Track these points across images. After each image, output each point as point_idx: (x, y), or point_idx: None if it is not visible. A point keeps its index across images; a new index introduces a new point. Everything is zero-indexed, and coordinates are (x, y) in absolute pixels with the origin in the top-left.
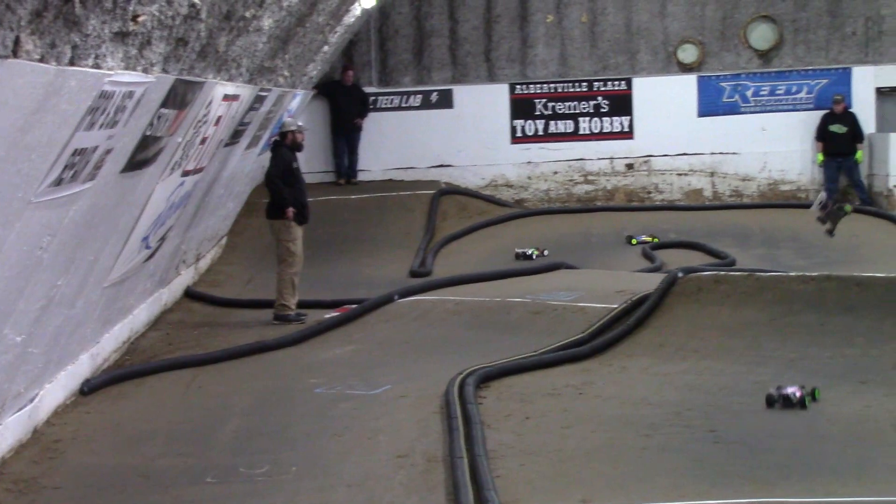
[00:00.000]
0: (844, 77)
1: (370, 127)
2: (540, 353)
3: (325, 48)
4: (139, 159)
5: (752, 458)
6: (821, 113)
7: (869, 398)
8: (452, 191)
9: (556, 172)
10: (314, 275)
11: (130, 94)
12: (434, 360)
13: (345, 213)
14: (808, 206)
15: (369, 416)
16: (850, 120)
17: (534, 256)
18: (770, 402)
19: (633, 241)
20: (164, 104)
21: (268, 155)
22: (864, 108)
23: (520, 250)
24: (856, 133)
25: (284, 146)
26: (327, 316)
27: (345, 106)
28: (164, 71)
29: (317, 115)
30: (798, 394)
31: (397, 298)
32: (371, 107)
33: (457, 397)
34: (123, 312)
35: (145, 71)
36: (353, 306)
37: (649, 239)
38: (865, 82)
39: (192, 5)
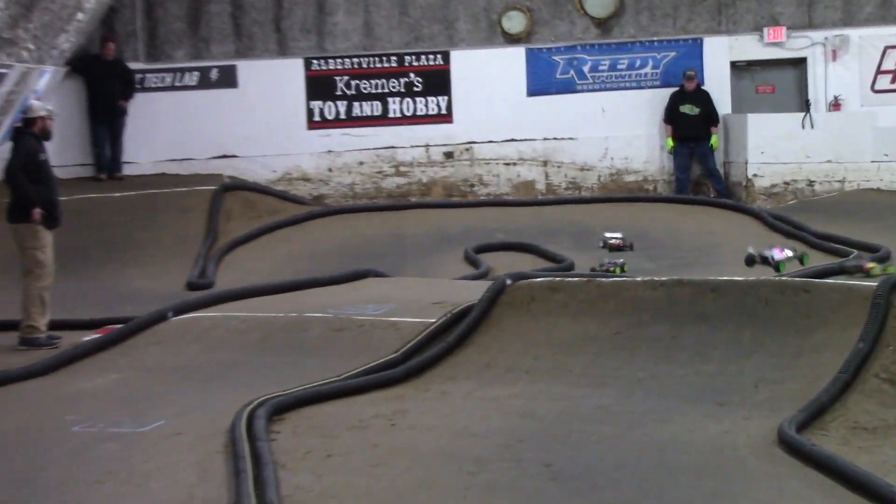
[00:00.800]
0: (695, 49)
1: (137, 111)
2: (344, 377)
3: (79, 16)
4: None
5: (593, 495)
6: (669, 91)
7: (727, 422)
8: (238, 186)
9: (361, 163)
10: (70, 289)
11: None
12: (217, 390)
13: (107, 214)
14: (656, 200)
15: (138, 459)
16: (704, 99)
17: (625, 244)
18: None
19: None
20: None
21: (9, 145)
22: (718, 84)
23: (610, 236)
24: (710, 114)
25: (29, 134)
26: (86, 339)
27: (105, 86)
28: None
29: (71, 96)
30: (779, 256)
31: (172, 316)
32: (137, 87)
33: (244, 433)
34: None
35: None
36: (118, 327)
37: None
38: (719, 55)
39: None
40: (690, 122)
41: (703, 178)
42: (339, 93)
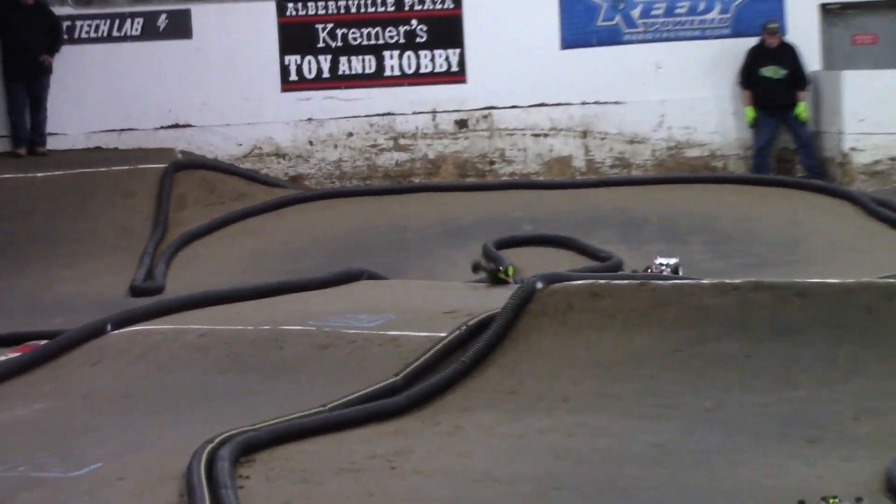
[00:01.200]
0: None
1: (65, 68)
2: (330, 407)
3: None
4: None
5: None
6: (741, 42)
7: (820, 464)
8: (194, 164)
9: (350, 134)
10: None
11: None
12: (169, 423)
13: (28, 199)
14: (726, 180)
15: None
16: (790, 57)
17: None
18: None
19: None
20: None
21: None
22: (805, 34)
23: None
24: (798, 76)
25: None
26: (1, 358)
27: (24, 37)
28: None
29: None
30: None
31: (111, 329)
32: (65, 37)
33: (204, 479)
34: None
35: None
36: (43, 343)
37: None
38: None
39: None
40: (775, 87)
41: (788, 153)
42: (321, 45)
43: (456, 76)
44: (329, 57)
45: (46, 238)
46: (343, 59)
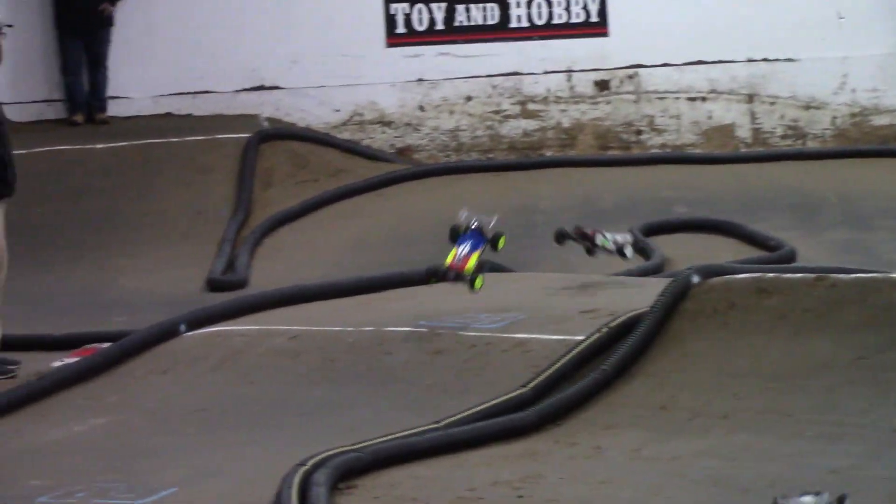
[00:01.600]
0: None
1: (128, 19)
2: (445, 423)
3: None
4: None
5: None
6: None
7: None
8: (282, 133)
9: (469, 98)
10: (30, 289)
11: None
12: (253, 442)
13: (84, 175)
14: None
15: None
16: None
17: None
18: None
19: None
20: None
21: None
22: None
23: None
24: None
25: None
26: (56, 364)
27: None
28: None
29: (30, 1)
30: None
31: (185, 330)
32: None
33: None
34: None
35: None
36: (104, 346)
37: None
38: None
39: None
40: None
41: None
42: None
43: (595, 28)
44: (443, 5)
45: (106, 222)
46: (460, 8)
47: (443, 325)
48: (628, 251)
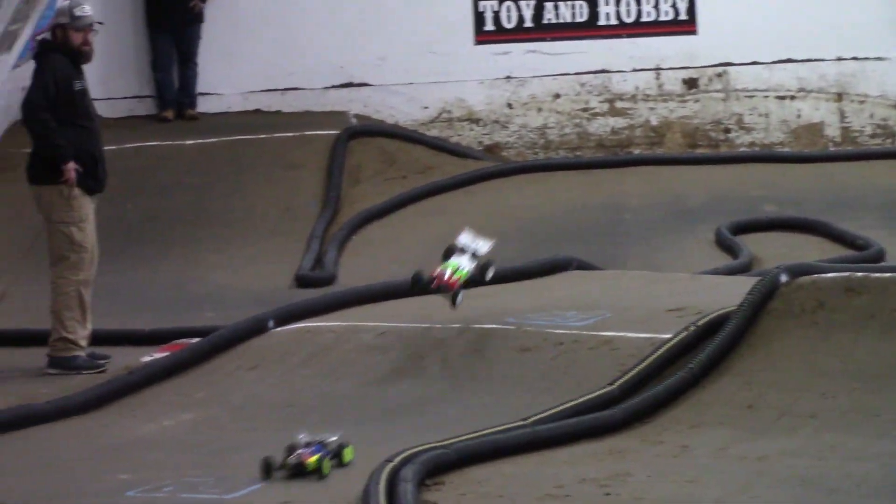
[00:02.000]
0: None
1: (218, 15)
2: (533, 421)
3: None
4: None
5: None
6: None
7: None
8: (370, 130)
9: (557, 96)
10: (119, 285)
11: None
12: (341, 437)
13: (174, 171)
14: None
15: None
16: None
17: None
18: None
19: None
20: None
21: (30, 67)
22: None
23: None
24: None
25: (60, 52)
26: (145, 359)
27: None
28: None
29: None
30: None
31: (273, 326)
32: None
33: (384, 503)
34: None
35: None
36: (192, 342)
37: None
38: None
39: None
40: None
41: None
42: None
43: (684, 26)
44: (532, 3)
45: (195, 217)
46: (549, 6)
47: (530, 322)
48: (490, 272)
